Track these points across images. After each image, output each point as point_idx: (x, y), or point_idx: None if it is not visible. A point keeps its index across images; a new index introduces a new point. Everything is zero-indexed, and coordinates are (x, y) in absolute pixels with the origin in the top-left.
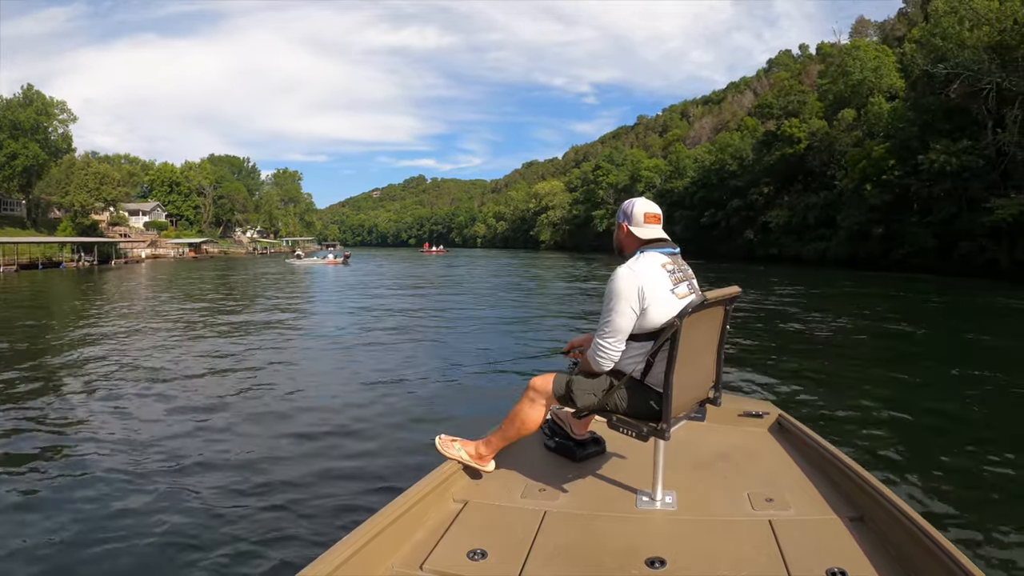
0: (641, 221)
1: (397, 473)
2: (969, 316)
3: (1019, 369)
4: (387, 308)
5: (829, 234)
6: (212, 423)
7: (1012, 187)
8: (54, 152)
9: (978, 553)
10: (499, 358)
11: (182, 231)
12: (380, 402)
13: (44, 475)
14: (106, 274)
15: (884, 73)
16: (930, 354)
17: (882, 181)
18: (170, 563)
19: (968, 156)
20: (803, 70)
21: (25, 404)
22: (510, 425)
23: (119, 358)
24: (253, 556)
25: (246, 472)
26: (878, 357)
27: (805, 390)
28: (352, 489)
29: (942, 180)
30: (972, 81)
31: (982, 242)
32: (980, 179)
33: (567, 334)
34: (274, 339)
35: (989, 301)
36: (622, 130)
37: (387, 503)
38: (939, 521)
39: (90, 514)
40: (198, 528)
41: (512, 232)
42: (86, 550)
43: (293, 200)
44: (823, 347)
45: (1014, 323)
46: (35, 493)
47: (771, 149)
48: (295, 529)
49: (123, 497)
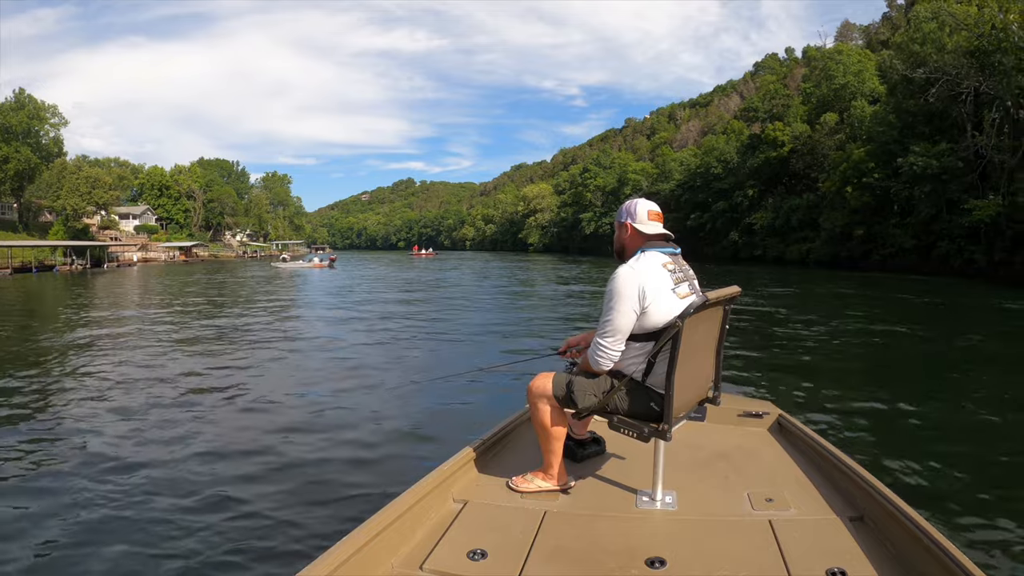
0: (644, 218)
1: (397, 473)
2: (960, 316)
3: (1015, 369)
4: (376, 313)
5: (812, 236)
6: (211, 423)
7: (990, 189)
8: (45, 156)
9: (978, 553)
10: (496, 358)
11: (172, 235)
12: (379, 403)
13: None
14: (100, 278)
15: (866, 78)
16: (926, 354)
17: (863, 183)
18: (170, 564)
19: (947, 159)
20: (789, 73)
21: (24, 408)
22: (543, 436)
23: (111, 363)
24: (253, 556)
25: (245, 473)
26: (875, 356)
27: (805, 390)
28: (352, 489)
29: (921, 182)
30: (951, 85)
31: (960, 243)
32: (959, 181)
33: (560, 332)
34: (267, 343)
35: (980, 302)
36: (610, 133)
37: (387, 503)
38: (939, 521)
39: (85, 516)
40: (197, 529)
41: (501, 235)
42: (79, 552)
43: (282, 203)
44: (819, 347)
45: (1004, 323)
46: (27, 497)
47: (755, 152)
48: (295, 529)
49: (119, 500)
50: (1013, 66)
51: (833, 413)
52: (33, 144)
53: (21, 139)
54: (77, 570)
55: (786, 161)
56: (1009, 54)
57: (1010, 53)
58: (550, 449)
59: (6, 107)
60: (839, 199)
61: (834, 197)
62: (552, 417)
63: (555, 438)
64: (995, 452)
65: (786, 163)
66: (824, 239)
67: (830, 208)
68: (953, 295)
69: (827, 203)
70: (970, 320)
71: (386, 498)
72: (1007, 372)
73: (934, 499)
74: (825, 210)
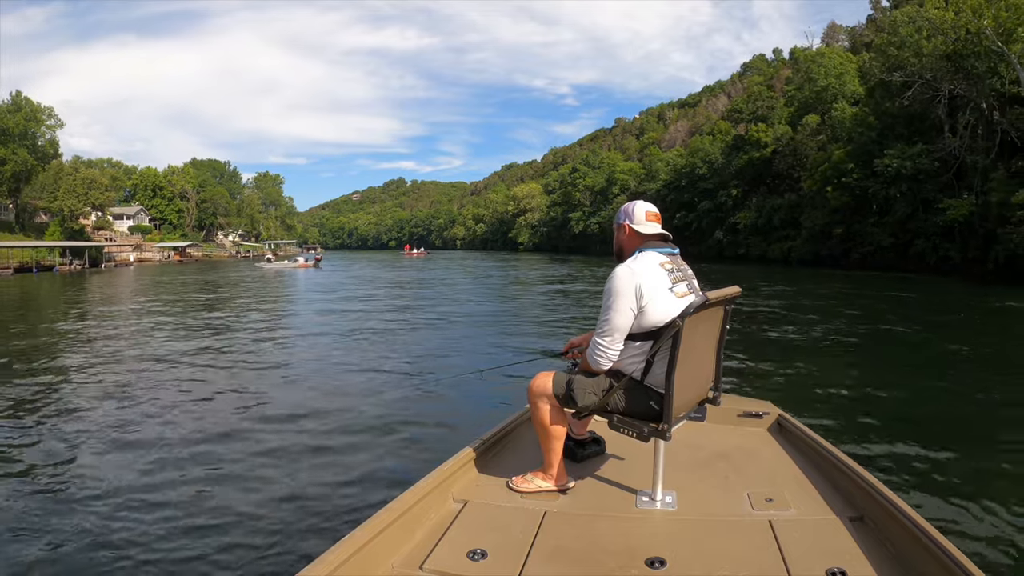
0: (643, 219)
1: (397, 473)
2: (953, 315)
3: (1013, 368)
4: (371, 313)
5: (794, 234)
6: (209, 423)
7: (965, 188)
8: (41, 157)
9: (978, 553)
10: (496, 359)
11: (166, 235)
12: (378, 404)
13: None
14: (98, 277)
15: (847, 80)
16: (925, 353)
17: (843, 184)
18: (169, 564)
19: (921, 160)
20: (775, 74)
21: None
22: (543, 436)
23: (104, 360)
24: (253, 557)
25: (244, 473)
26: (874, 356)
27: (804, 390)
28: (352, 489)
29: (897, 182)
30: (927, 88)
31: (935, 240)
32: (934, 181)
33: (561, 332)
34: (262, 343)
35: (972, 301)
36: (600, 132)
37: (387, 503)
38: (939, 521)
39: (81, 513)
40: (197, 529)
41: (491, 234)
42: (76, 550)
43: (274, 203)
44: (815, 346)
45: (999, 323)
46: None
47: (740, 153)
48: (295, 530)
49: (116, 498)
50: (986, 69)
51: (833, 413)
52: (29, 146)
53: (18, 141)
54: (59, 569)
55: (769, 162)
56: (982, 58)
57: (983, 57)
58: (550, 449)
59: (3, 109)
60: (820, 199)
61: (815, 197)
62: (552, 416)
63: (555, 438)
64: (995, 452)
65: (769, 164)
66: (805, 238)
67: (811, 207)
68: (941, 293)
69: (808, 203)
70: (965, 319)
71: (386, 498)
72: (1007, 372)
73: (934, 499)
74: (806, 209)
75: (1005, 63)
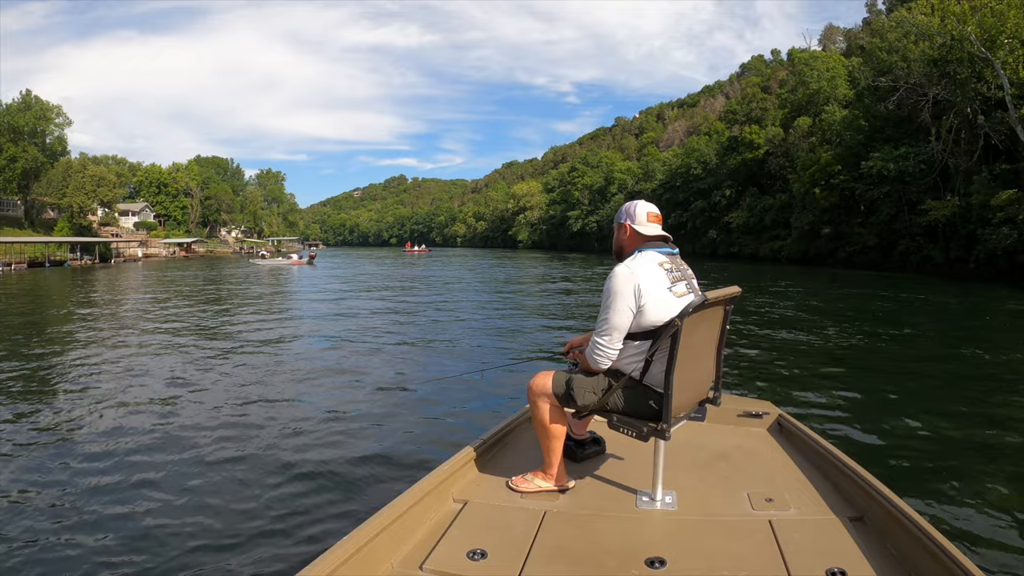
0: (644, 220)
1: (397, 473)
2: (947, 314)
3: (1011, 369)
4: (371, 312)
5: (784, 234)
6: (208, 423)
7: (949, 190)
8: (51, 155)
9: (978, 553)
10: (492, 359)
11: (170, 231)
12: (378, 404)
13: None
14: (108, 272)
15: (838, 83)
16: (921, 353)
17: (831, 184)
18: (169, 564)
19: (905, 162)
20: (772, 75)
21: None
22: (543, 435)
23: (102, 361)
24: (253, 557)
25: (244, 473)
26: (873, 355)
27: (804, 390)
28: (351, 490)
29: (883, 184)
30: (913, 92)
31: (919, 241)
32: (918, 183)
33: (555, 330)
34: (258, 342)
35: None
36: (600, 131)
37: (387, 503)
38: (939, 521)
39: (81, 510)
40: (196, 529)
41: (491, 232)
42: (76, 546)
43: (276, 200)
44: (814, 345)
45: (1000, 323)
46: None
47: (733, 153)
48: (294, 530)
49: (113, 494)
50: (970, 75)
51: (833, 413)
52: (39, 143)
53: (28, 139)
54: (63, 567)
55: (762, 163)
56: (966, 64)
57: (967, 63)
58: (550, 448)
59: (13, 108)
60: (809, 199)
61: (804, 197)
62: (552, 416)
63: (555, 437)
64: (995, 452)
65: (762, 164)
66: (795, 237)
67: (800, 208)
68: (928, 292)
69: (798, 203)
70: (958, 318)
71: (386, 498)
72: (1006, 372)
73: (934, 499)
74: (796, 210)
75: (989, 68)
